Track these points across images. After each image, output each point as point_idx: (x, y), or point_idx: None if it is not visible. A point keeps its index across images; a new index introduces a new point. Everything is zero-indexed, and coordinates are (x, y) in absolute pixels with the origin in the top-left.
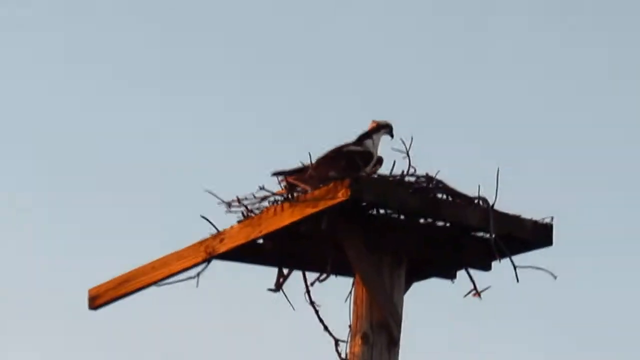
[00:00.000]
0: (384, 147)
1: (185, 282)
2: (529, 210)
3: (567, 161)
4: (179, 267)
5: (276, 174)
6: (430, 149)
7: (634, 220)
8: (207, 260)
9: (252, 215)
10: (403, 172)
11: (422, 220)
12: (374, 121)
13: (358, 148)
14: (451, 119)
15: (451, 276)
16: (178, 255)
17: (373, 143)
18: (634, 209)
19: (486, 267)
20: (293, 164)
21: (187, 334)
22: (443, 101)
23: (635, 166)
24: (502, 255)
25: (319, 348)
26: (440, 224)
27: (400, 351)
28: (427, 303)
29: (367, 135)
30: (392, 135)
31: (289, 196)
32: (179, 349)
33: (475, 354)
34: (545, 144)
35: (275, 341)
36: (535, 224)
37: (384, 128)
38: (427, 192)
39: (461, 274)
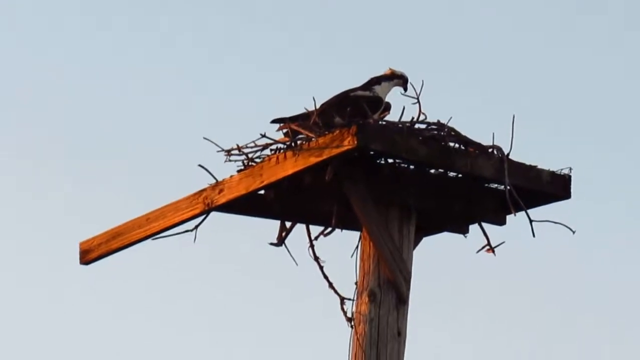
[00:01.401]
0: (392, 92)
1: (182, 235)
2: (546, 160)
3: (585, 111)
4: (176, 220)
5: (276, 120)
6: (442, 95)
7: None
8: (206, 212)
9: (253, 164)
10: (413, 118)
11: (432, 171)
12: (390, 69)
13: (366, 93)
14: (465, 64)
15: (463, 231)
16: (174, 207)
17: (383, 89)
18: None
19: (500, 221)
20: (297, 112)
21: (183, 290)
22: (457, 46)
23: None
24: (518, 209)
25: (324, 306)
26: (452, 174)
27: (409, 310)
28: (438, 259)
29: (379, 80)
30: (405, 89)
31: (292, 144)
32: (174, 305)
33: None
34: (562, 92)
35: (277, 299)
36: (552, 175)
37: (397, 78)
38: (438, 140)
39: (474, 228)
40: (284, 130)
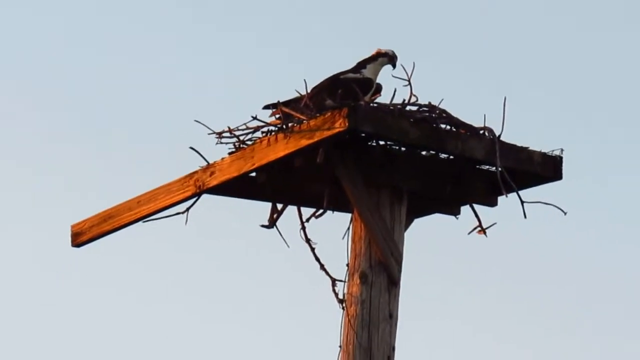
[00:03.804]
0: (384, 74)
1: (174, 217)
2: (537, 142)
3: (577, 92)
4: (167, 202)
5: (269, 106)
6: (433, 77)
7: None
8: (197, 195)
9: (245, 146)
10: (404, 100)
11: (424, 152)
12: (378, 49)
13: (356, 75)
14: (456, 46)
15: (455, 212)
16: (166, 190)
17: (372, 70)
18: None
19: (492, 203)
20: (289, 96)
21: (175, 272)
22: (448, 28)
23: None
24: (509, 190)
25: (315, 288)
26: (444, 156)
27: (400, 292)
28: (430, 240)
29: (367, 62)
30: (394, 65)
31: (284, 126)
32: (167, 287)
33: (479, 294)
34: (553, 73)
35: (268, 280)
36: (544, 156)
37: (385, 56)
38: (429, 122)
39: (465, 209)
40: (277, 116)
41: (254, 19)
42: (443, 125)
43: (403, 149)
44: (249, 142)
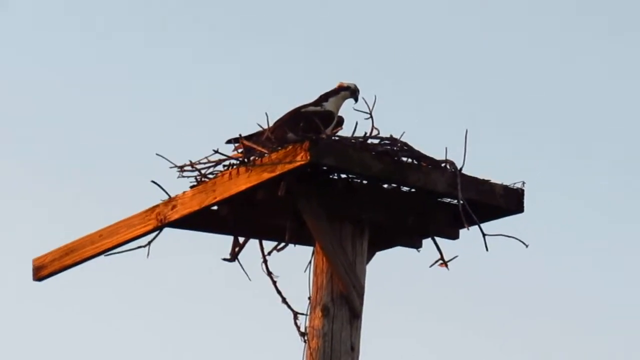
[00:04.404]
0: (346, 108)
1: (135, 251)
2: (499, 175)
3: (538, 125)
4: (129, 236)
5: (231, 140)
6: (395, 110)
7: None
8: (159, 228)
9: (206, 180)
10: (366, 133)
11: (386, 186)
12: (340, 83)
13: (317, 108)
14: (417, 79)
15: (417, 245)
16: (127, 223)
17: (334, 104)
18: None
19: (454, 235)
20: (251, 130)
21: (138, 305)
22: (409, 61)
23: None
24: (471, 223)
25: (277, 321)
26: (406, 189)
27: (362, 325)
28: (392, 273)
29: (329, 95)
30: (356, 99)
31: (245, 160)
32: (128, 320)
33: (443, 326)
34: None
35: (230, 313)
36: (505, 189)
37: (347, 90)
38: (391, 155)
39: (427, 242)
40: (240, 150)
41: (218, 52)
42: (405, 158)
43: (365, 182)
44: (210, 176)
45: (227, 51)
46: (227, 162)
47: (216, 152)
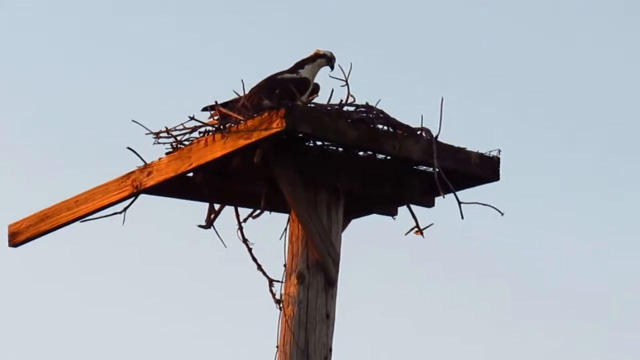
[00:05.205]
0: (321, 75)
1: (111, 217)
2: (475, 143)
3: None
4: (104, 202)
5: (207, 108)
6: (371, 77)
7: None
8: (134, 195)
9: (182, 147)
10: (341, 101)
11: (361, 153)
12: (316, 50)
13: (293, 75)
14: (394, 46)
15: (392, 213)
16: (103, 189)
17: (310, 71)
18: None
19: (429, 203)
20: (227, 97)
21: (113, 272)
22: (385, 27)
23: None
24: (446, 191)
25: (252, 288)
26: (381, 156)
27: (337, 292)
28: (366, 241)
29: (305, 62)
30: (332, 67)
31: (221, 127)
32: (104, 287)
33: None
34: (491, 72)
35: (206, 280)
36: (481, 157)
37: (323, 57)
38: (367, 122)
39: (402, 210)
40: (216, 117)
41: (195, 19)
42: (380, 126)
43: (340, 149)
44: (186, 143)
45: (206, 20)
46: (203, 129)
47: (192, 118)
